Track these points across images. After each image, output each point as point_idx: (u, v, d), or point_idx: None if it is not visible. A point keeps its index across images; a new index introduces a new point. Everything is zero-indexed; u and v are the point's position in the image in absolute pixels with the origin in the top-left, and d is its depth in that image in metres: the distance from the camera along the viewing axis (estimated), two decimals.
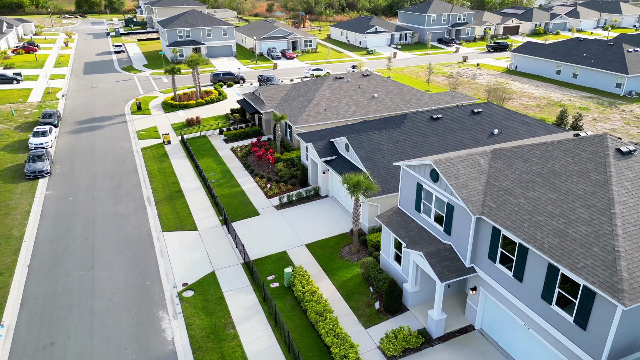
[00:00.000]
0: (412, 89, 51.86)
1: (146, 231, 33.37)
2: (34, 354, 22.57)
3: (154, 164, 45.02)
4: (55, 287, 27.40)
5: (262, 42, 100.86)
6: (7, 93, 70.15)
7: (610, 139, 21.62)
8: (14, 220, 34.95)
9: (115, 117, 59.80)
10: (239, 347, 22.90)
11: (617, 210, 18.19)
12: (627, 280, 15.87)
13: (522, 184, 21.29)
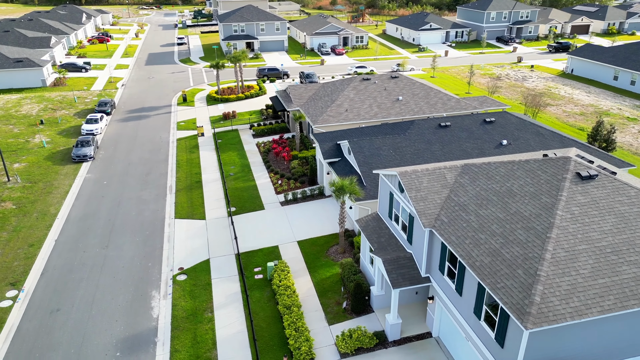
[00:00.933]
0: (440, 92, 51.70)
1: (161, 217, 36.80)
2: (42, 317, 26.40)
3: (184, 154, 48.69)
4: (72, 261, 31.37)
5: (314, 38, 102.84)
6: (75, 81, 77.50)
7: (574, 162, 21.56)
8: (53, 198, 39.77)
9: (162, 107, 64.57)
10: (211, 330, 25.39)
11: (554, 234, 18.45)
12: (538, 304, 16.34)
13: (478, 201, 21.81)
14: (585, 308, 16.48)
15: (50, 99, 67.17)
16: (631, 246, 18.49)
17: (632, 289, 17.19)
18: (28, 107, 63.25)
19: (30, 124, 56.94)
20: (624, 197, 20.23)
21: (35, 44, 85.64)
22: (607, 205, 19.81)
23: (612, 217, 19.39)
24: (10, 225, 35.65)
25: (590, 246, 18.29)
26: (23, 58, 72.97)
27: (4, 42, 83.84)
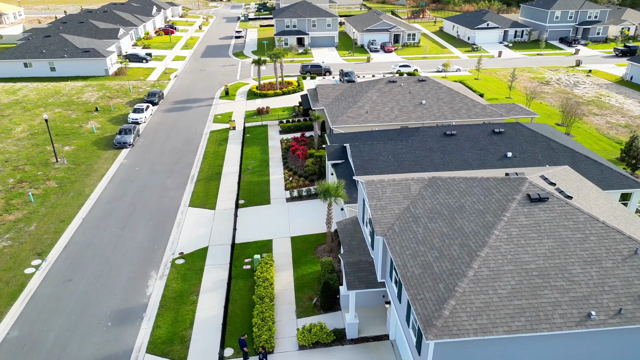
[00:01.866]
0: (466, 98, 51.21)
1: (176, 204, 40.27)
2: (55, 285, 30.49)
3: (213, 146, 52.14)
4: (92, 238, 35.49)
5: (364, 35, 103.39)
6: (135, 71, 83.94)
7: (529, 183, 21.82)
8: (90, 180, 44.55)
9: (205, 100, 68.73)
10: (192, 312, 28.18)
11: (483, 253, 19.12)
12: (445, 318, 17.29)
13: (430, 215, 22.66)
14: (492, 326, 17.19)
15: (109, 87, 73.57)
16: (561, 271, 18.75)
17: (547, 313, 17.61)
18: (88, 95, 69.83)
19: (86, 111, 63.08)
20: (571, 222, 20.31)
21: (104, 35, 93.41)
22: (549, 228, 20.04)
23: (551, 241, 19.64)
24: (49, 202, 40.64)
25: (517, 267, 18.79)
26: (90, 48, 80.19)
27: (78, 32, 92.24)
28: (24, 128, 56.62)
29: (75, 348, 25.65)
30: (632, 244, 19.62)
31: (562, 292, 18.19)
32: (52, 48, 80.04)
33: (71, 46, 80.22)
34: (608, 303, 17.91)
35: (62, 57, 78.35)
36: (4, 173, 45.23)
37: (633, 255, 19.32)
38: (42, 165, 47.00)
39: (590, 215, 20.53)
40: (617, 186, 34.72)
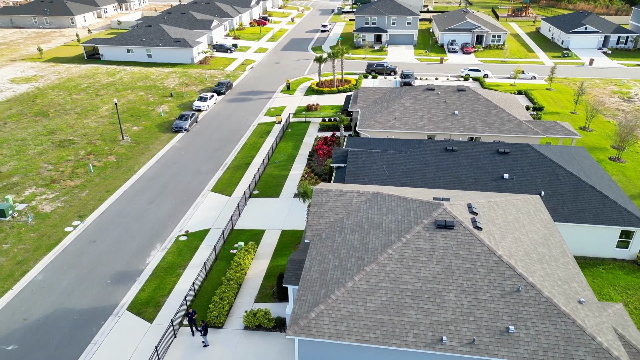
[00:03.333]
0: (503, 112, 49.89)
1: (201, 188, 45.65)
2: (82, 244, 37.31)
3: (254, 138, 56.94)
4: (123, 209, 42.14)
5: (445, 34, 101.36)
6: (218, 60, 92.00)
7: (442, 210, 22.87)
8: (143, 158, 51.79)
9: (267, 93, 73.91)
10: (174, 282, 33.04)
11: (369, 268, 20.99)
12: (309, 319, 19.69)
13: (354, 227, 24.66)
14: (347, 334, 19.23)
15: (190, 75, 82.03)
16: (434, 296, 20.00)
17: (403, 331, 19.15)
18: (170, 81, 78.77)
19: (163, 95, 71.63)
20: (466, 252, 21.20)
21: (199, 25, 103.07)
22: (442, 255, 21.17)
23: (438, 267, 20.83)
24: (105, 173, 48.40)
25: (394, 286, 20.40)
26: (181, 38, 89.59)
27: (177, 23, 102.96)
28: (109, 107, 66.36)
29: (76, 296, 31.87)
30: (518, 282, 20.08)
31: (426, 314, 19.52)
32: (151, 37, 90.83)
33: (166, 36, 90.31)
34: (466, 332, 18.90)
35: (157, 45, 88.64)
36: (79, 145, 54.32)
37: (514, 292, 19.83)
38: (110, 142, 55.45)
39: (489, 249, 21.18)
40: (615, 222, 32.95)
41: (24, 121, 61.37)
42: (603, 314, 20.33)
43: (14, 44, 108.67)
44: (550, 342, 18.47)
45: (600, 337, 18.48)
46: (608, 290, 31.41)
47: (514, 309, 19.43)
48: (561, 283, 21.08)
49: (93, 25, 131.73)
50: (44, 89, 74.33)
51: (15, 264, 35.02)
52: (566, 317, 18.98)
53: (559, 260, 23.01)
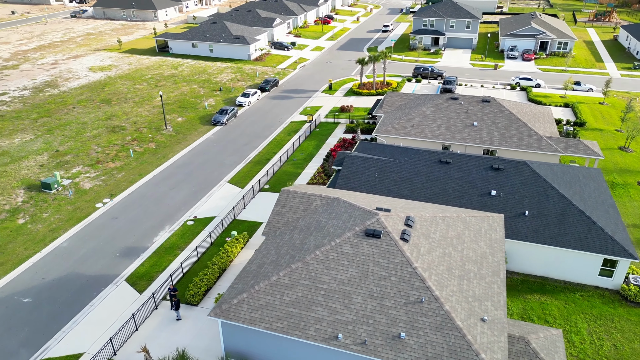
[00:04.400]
0: (524, 127, 48.86)
1: (219, 179, 49.71)
2: (105, 219, 42.70)
3: (282, 135, 60.21)
4: (147, 192, 47.23)
5: (506, 39, 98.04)
6: (273, 57, 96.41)
7: (376, 219, 24.47)
8: (178, 147, 57.00)
9: (309, 92, 76.85)
10: (169, 261, 37.18)
11: (294, 266, 23.33)
12: (231, 304, 22.39)
13: (304, 227, 26.88)
14: (259, 321, 21.71)
15: (243, 71, 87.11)
16: (343, 297, 21.85)
17: (307, 324, 21.23)
18: (224, 75, 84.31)
19: (213, 89, 77.13)
20: (385, 260, 22.75)
21: (262, 23, 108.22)
22: (362, 261, 22.91)
23: (355, 271, 22.62)
24: (142, 159, 54.12)
25: (312, 284, 22.52)
26: (240, 35, 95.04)
27: (242, 20, 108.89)
28: (159, 100, 72.83)
29: (88, 264, 37.05)
30: (424, 293, 21.35)
31: (331, 312, 21.47)
32: (214, 33, 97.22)
33: (227, 32, 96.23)
34: (361, 333, 20.63)
35: (219, 41, 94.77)
36: (127, 132, 60.82)
37: (417, 302, 21.16)
38: (154, 130, 61.44)
39: (407, 260, 22.54)
40: (598, 249, 32.15)
41: (89, 107, 69.44)
42: (504, 334, 20.98)
43: (102, 34, 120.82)
44: (435, 352, 19.69)
45: (486, 355, 19.38)
46: (576, 318, 30.87)
47: (412, 317, 20.79)
48: (472, 300, 21.96)
49: (173, 19, 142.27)
50: (114, 78, 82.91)
51: (49, 231, 41.13)
52: (458, 331, 20.04)
53: (485, 279, 23.72)
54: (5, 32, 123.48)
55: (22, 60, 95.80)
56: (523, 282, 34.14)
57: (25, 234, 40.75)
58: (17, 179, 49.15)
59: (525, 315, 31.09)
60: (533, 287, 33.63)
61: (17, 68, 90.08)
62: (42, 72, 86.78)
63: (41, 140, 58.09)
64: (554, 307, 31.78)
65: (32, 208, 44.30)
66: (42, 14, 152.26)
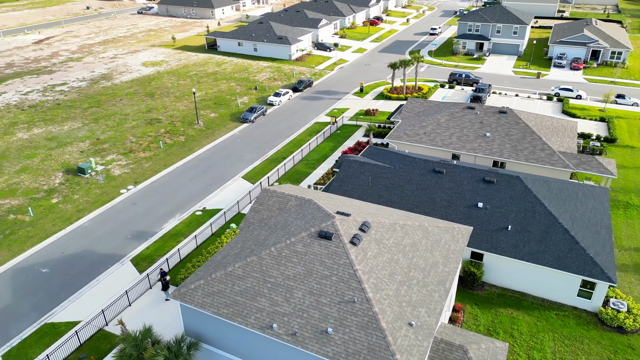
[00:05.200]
0: (538, 140, 48.04)
1: (235, 173, 52.82)
2: (125, 204, 46.96)
3: (303, 135, 62.48)
4: (168, 182, 51.19)
5: (555, 46, 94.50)
6: (314, 58, 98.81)
7: (332, 223, 26.17)
8: (205, 141, 60.85)
9: (340, 94, 78.54)
10: (171, 247, 40.58)
11: (250, 259, 25.50)
12: (188, 288, 24.97)
13: (272, 225, 28.97)
14: (208, 306, 24.09)
15: (282, 71, 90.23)
16: (286, 291, 23.77)
17: (249, 312, 23.35)
18: (262, 74, 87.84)
19: (249, 88, 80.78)
20: (331, 261, 24.39)
21: (309, 23, 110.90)
22: (309, 260, 24.71)
23: (302, 269, 24.46)
24: (170, 150, 58.40)
25: (261, 276, 24.62)
26: (283, 36, 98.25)
27: (289, 21, 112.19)
28: (200, 94, 77.46)
29: (102, 243, 41.27)
30: (358, 294, 22.83)
31: (272, 304, 23.46)
32: (259, 32, 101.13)
33: (272, 32, 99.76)
34: (294, 325, 22.47)
35: (263, 41, 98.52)
36: (162, 124, 65.56)
37: (349, 302, 22.68)
38: (186, 124, 65.79)
39: (350, 262, 24.06)
40: (575, 270, 31.87)
41: (134, 99, 75.24)
42: (428, 340, 21.99)
43: (161, 30, 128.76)
44: (356, 348, 21.18)
45: (401, 356, 20.61)
46: (543, 335, 30.82)
47: (342, 315, 22.36)
48: (405, 305, 23.13)
49: (229, 17, 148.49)
50: (162, 73, 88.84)
51: (76, 211, 45.98)
52: (380, 332, 21.38)
53: (428, 287, 24.72)
54: (78, 26, 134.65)
55: (86, 53, 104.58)
56: (500, 295, 34.33)
57: (56, 212, 45.83)
58: (59, 163, 54.89)
59: (492, 327, 31.48)
60: (508, 302, 33.74)
61: (81, 60, 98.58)
62: (101, 65, 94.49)
63: (86, 129, 64.07)
64: (524, 323, 31.87)
65: (66, 190, 49.54)
66: (114, 10, 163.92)
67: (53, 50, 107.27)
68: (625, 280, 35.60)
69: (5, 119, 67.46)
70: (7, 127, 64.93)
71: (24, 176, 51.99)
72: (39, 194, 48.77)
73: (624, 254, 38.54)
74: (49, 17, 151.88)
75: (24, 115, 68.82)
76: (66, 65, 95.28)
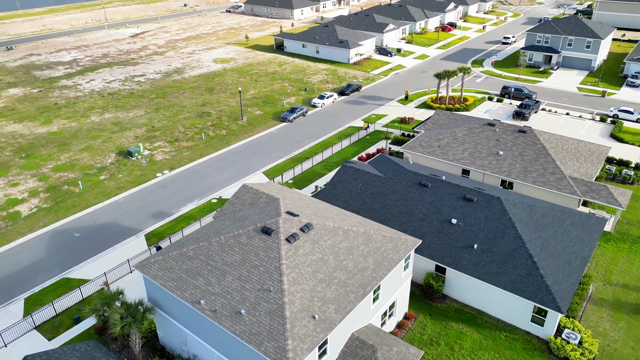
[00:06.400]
0: (551, 163, 46.94)
1: (258, 168, 57.46)
2: (155, 187, 53.48)
3: (332, 138, 65.54)
4: (198, 170, 57.10)
5: (632, 64, 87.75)
6: (371, 63, 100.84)
7: (276, 221, 29.45)
8: (243, 136, 66.31)
9: (385, 100, 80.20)
10: (180, 227, 46.05)
11: (201, 244, 29.62)
12: (151, 262, 29.67)
13: (235, 218, 32.84)
14: (159, 278, 28.54)
15: (336, 74, 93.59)
16: (220, 273, 27.53)
17: (187, 288, 27.45)
18: (317, 76, 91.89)
19: (300, 89, 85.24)
20: (265, 253, 27.72)
21: (374, 28, 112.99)
22: (248, 250, 28.23)
23: (239, 257, 28.09)
24: (210, 142, 64.58)
25: (205, 259, 28.62)
26: (344, 40, 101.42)
27: (354, 25, 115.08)
28: (253, 93, 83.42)
29: (127, 217, 47.95)
30: (276, 285, 25.94)
31: (207, 284, 27.31)
32: (323, 35, 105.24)
33: (334, 36, 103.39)
34: (217, 303, 26.16)
35: (324, 44, 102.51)
36: (211, 118, 72.17)
37: (267, 290, 25.90)
38: (232, 120, 71.83)
39: (279, 256, 27.18)
40: (526, 295, 32.25)
41: (195, 93, 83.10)
42: (326, 333, 24.50)
43: (241, 29, 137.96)
44: (259, 330, 24.29)
45: (292, 342, 23.43)
46: (484, 354, 31.54)
47: (257, 301, 25.61)
48: (317, 300, 25.78)
49: (307, 18, 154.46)
50: (227, 70, 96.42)
51: (116, 188, 53.44)
52: (282, 319, 24.30)
53: (347, 287, 27.09)
54: (171, 23, 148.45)
55: (170, 48, 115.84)
56: (457, 310, 35.26)
57: (101, 187, 53.64)
58: (116, 145, 63.38)
59: (435, 338, 32.75)
60: (463, 317, 34.60)
61: (163, 55, 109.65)
62: (178, 60, 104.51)
63: (147, 117, 72.59)
64: (469, 339, 32.72)
65: (114, 169, 57.48)
66: (207, 8, 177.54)
67: (144, 44, 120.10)
68: (596, 315, 34.66)
69: (86, 103, 78.37)
70: (85, 110, 75.51)
71: (85, 154, 60.98)
72: (92, 170, 57.14)
73: (608, 289, 37.20)
74: (151, 12, 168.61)
75: (101, 101, 79.35)
76: (150, 58, 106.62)
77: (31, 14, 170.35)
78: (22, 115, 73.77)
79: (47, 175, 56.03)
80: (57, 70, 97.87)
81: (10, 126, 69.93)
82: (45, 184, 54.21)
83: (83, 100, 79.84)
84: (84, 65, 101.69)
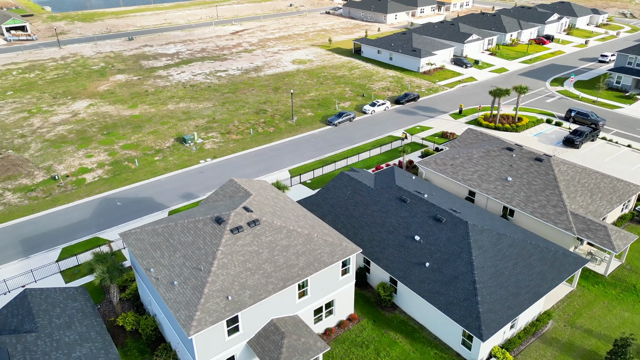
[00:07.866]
0: (556, 196, 45.51)
1: (285, 165, 62.44)
2: (192, 172, 61.10)
3: (366, 146, 68.11)
4: (235, 162, 63.74)
5: None
6: (442, 73, 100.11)
7: (229, 214, 34.29)
8: (286, 135, 71.72)
9: (438, 112, 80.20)
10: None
11: (170, 224, 35.49)
12: (132, 233, 36.30)
13: (213, 206, 38.21)
14: (132, 247, 34.90)
15: (401, 82, 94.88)
16: (172, 250, 33.09)
17: (156, 262, 33.45)
18: (381, 83, 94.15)
19: (357, 94, 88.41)
20: (211, 238, 32.72)
21: (455, 37, 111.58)
22: (199, 234, 33.45)
23: (190, 237, 33.42)
24: (256, 138, 71.02)
25: (169, 237, 34.37)
26: (417, 48, 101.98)
27: (436, 33, 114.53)
28: (313, 95, 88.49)
29: (162, 195, 56.02)
30: (206, 266, 30.79)
31: (161, 257, 32.95)
32: (398, 43, 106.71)
33: (409, 44, 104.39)
34: (161, 273, 31.75)
35: (398, 51, 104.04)
36: (266, 115, 78.71)
37: (198, 269, 30.86)
38: (283, 119, 77.71)
39: (220, 243, 31.98)
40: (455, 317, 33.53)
41: (262, 91, 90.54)
42: (231, 313, 28.69)
43: (332, 31, 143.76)
44: (181, 300, 29.35)
45: (200, 313, 28.19)
46: None
47: (188, 276, 30.63)
48: (237, 285, 29.95)
49: (400, 23, 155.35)
50: (300, 71, 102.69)
51: (164, 169, 62.21)
52: (200, 294, 29.14)
53: (269, 278, 30.89)
54: (270, 22, 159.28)
55: (260, 46, 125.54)
56: (401, 322, 37.05)
57: (152, 166, 62.81)
58: (177, 132, 72.75)
59: (367, 342, 35.11)
60: (404, 329, 36.36)
61: (251, 52, 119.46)
62: (261, 58, 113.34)
63: (212, 109, 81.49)
64: (399, 350, 34.57)
65: (168, 152, 66.56)
66: (311, 8, 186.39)
67: (239, 41, 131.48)
68: (538, 352, 34.20)
69: (168, 93, 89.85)
70: (166, 99, 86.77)
71: (150, 137, 71.14)
72: (151, 151, 66.79)
73: (567, 330, 36.10)
74: (258, 11, 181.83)
75: (182, 92, 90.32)
76: (238, 55, 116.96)
77: (159, 8, 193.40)
78: (117, 99, 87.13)
79: (116, 151, 66.82)
80: (160, 61, 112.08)
81: (105, 107, 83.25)
82: (112, 158, 64.85)
83: (168, 90, 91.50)
84: (182, 58, 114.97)
